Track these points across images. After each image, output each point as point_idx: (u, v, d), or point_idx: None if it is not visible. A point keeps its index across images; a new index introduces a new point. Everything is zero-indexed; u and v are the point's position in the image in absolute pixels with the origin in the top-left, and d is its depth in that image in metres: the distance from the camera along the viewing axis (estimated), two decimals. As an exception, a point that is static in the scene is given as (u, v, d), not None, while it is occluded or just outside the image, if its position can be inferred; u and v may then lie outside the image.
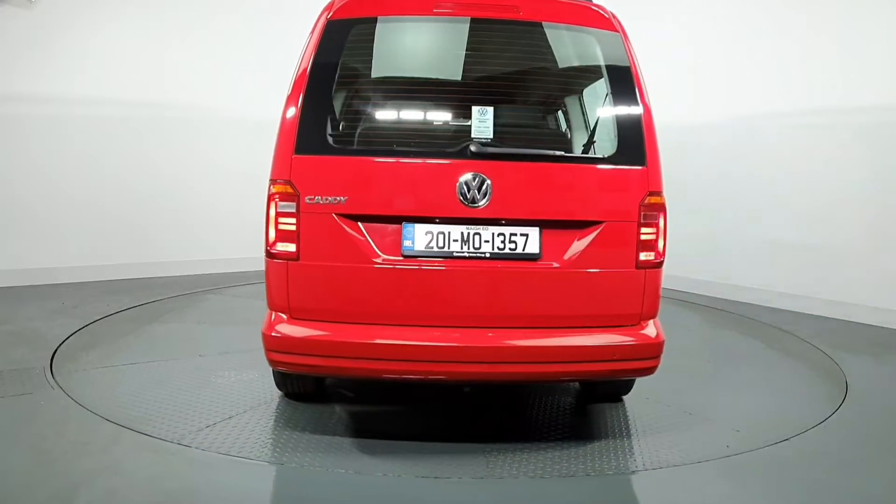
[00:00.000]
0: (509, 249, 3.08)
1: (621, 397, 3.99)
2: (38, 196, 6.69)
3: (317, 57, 3.13)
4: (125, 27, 7.07)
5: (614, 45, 3.31)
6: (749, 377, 4.63)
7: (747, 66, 7.09)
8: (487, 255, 3.08)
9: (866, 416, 3.91)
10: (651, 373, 3.29)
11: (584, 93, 3.50)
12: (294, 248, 3.05)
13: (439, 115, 3.50)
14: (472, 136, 3.10)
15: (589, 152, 3.37)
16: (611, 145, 3.23)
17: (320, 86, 3.11)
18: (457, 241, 3.07)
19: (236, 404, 3.76)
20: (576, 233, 3.13)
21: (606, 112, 3.31)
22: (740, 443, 3.44)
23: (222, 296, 6.70)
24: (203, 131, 7.57)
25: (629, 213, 3.15)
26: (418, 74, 3.58)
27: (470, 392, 4.04)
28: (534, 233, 3.10)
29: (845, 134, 6.39)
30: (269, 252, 3.11)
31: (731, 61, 7.25)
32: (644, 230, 3.15)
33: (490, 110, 3.13)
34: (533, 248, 3.10)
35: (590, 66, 3.45)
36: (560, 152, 3.30)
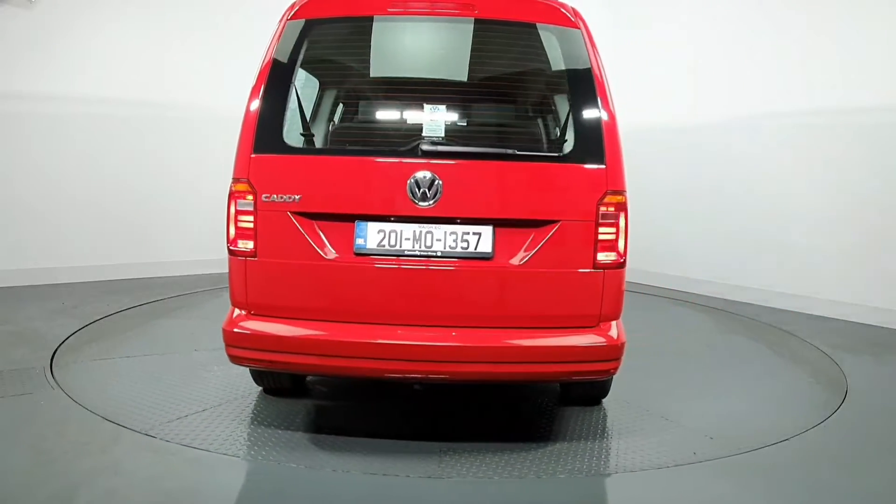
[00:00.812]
0: (461, 249, 3.06)
1: (600, 400, 3.89)
2: (38, 196, 6.69)
3: (275, 58, 3.19)
4: (126, 27, 7.06)
5: (573, 42, 3.24)
6: (748, 377, 4.62)
7: (747, 66, 7.08)
8: (439, 254, 3.06)
9: (866, 416, 3.91)
10: (609, 375, 3.22)
11: (541, 90, 3.45)
12: (252, 245, 3.11)
13: (393, 114, 3.53)
14: (423, 134, 3.10)
15: (544, 150, 3.30)
16: (568, 143, 3.17)
17: (277, 86, 3.15)
18: (408, 239, 3.06)
19: (213, 398, 3.84)
20: (530, 232, 3.09)
21: (564, 109, 3.26)
22: (740, 443, 3.43)
23: (222, 296, 6.67)
24: (203, 131, 7.54)
25: (586, 213, 3.07)
26: (373, 74, 3.62)
27: (422, 390, 4.03)
28: (486, 232, 3.07)
29: (845, 134, 6.38)
30: (229, 249, 3.16)
31: (731, 61, 7.24)
32: (602, 230, 3.07)
33: (442, 108, 3.14)
34: (485, 247, 3.07)
35: (547, 63, 3.39)
36: (513, 150, 3.17)
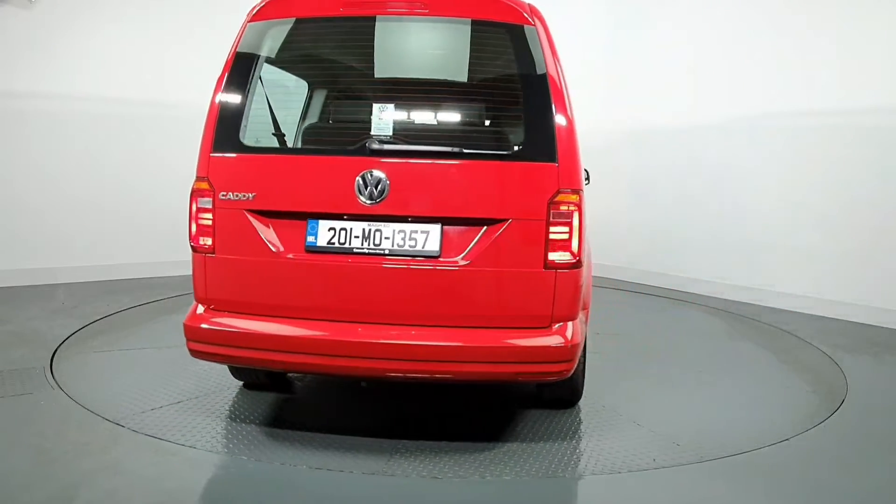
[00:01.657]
0: (409, 247, 3.05)
1: (574, 403, 3.85)
2: (38, 195, 6.69)
3: (235, 60, 3.27)
4: (126, 27, 7.06)
5: (526, 38, 3.18)
6: (748, 377, 4.62)
7: (747, 66, 7.08)
8: (386, 252, 3.06)
9: (866, 416, 3.91)
10: (561, 377, 3.14)
11: (493, 88, 3.41)
12: (210, 242, 3.19)
13: (344, 113, 3.60)
14: (371, 133, 3.11)
15: (494, 148, 3.23)
16: (518, 141, 3.15)
17: (235, 87, 3.25)
18: (358, 237, 3.08)
19: (192, 391, 3.91)
20: (478, 230, 3.05)
21: (515, 107, 3.24)
22: (742, 444, 3.43)
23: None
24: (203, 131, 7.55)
25: (536, 212, 3.01)
26: (327, 74, 3.70)
27: (367, 387, 4.05)
28: (434, 230, 3.06)
29: (845, 134, 6.38)
30: (191, 245, 3.23)
31: (731, 62, 7.24)
32: (554, 229, 3.01)
33: (390, 107, 3.14)
34: (433, 245, 3.05)
35: (499, 60, 3.35)
36: (460, 149, 3.10)
